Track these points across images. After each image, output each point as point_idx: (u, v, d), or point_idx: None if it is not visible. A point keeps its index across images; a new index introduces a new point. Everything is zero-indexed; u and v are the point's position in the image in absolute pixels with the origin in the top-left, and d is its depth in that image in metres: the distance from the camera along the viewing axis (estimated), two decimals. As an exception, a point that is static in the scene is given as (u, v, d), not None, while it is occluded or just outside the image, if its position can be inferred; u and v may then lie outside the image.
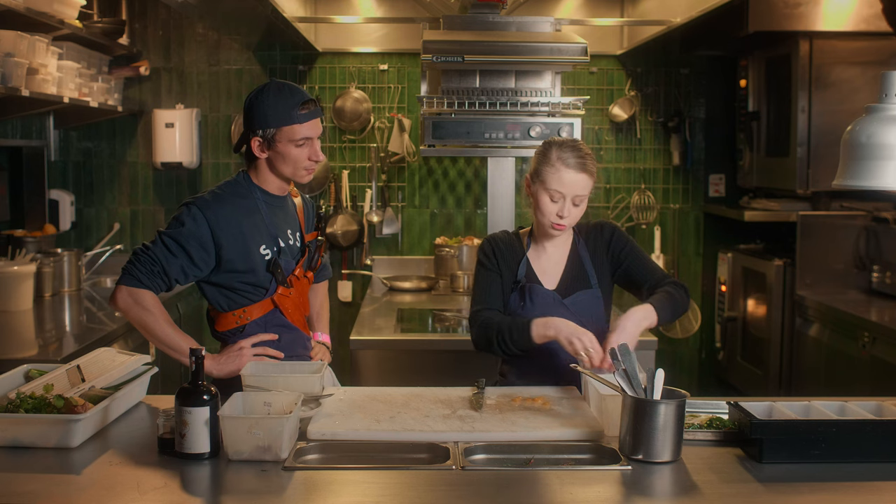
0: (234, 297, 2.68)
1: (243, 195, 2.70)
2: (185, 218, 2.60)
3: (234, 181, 2.75)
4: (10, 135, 4.72)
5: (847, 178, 2.24)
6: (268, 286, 2.68)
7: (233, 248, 2.61)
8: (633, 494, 1.95)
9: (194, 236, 2.58)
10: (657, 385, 2.13)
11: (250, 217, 2.66)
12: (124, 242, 5.44)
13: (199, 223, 2.59)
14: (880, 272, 4.54)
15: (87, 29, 4.55)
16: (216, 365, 2.61)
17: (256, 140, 2.63)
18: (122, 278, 2.57)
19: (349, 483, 1.98)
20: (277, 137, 2.61)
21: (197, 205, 2.62)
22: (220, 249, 2.61)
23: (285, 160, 2.64)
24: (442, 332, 4.07)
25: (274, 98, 2.61)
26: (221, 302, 2.69)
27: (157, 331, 2.57)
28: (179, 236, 2.58)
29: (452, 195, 5.56)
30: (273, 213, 2.72)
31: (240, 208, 2.66)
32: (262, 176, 2.72)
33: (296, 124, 2.60)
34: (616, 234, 2.79)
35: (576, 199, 2.66)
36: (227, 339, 2.71)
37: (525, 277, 2.75)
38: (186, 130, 5.33)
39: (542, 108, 3.76)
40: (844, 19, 4.63)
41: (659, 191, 5.61)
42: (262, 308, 2.69)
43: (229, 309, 2.69)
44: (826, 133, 4.66)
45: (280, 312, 2.72)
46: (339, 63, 5.50)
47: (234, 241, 2.61)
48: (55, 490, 1.91)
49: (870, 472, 2.04)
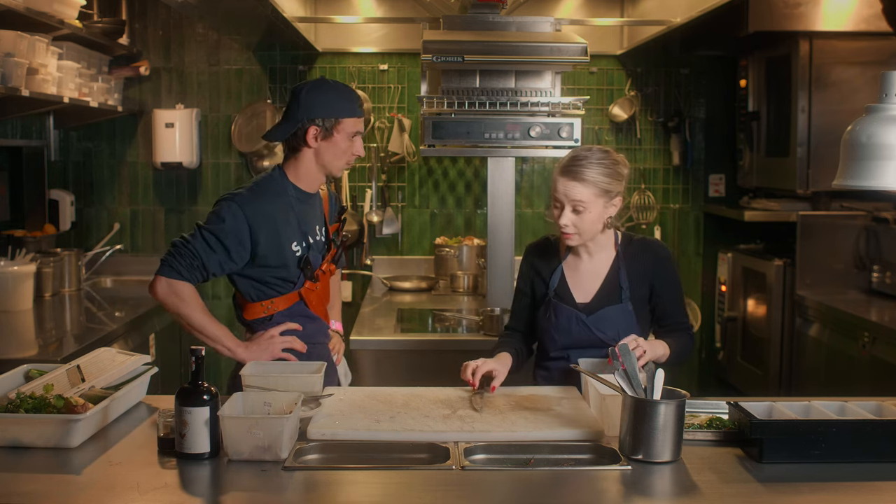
0: (264, 289, 2.78)
1: (279, 192, 2.77)
2: (224, 214, 2.67)
3: (269, 177, 2.82)
4: (10, 135, 4.72)
5: (847, 178, 2.24)
6: (296, 280, 2.79)
7: (268, 244, 2.70)
8: (633, 494, 1.95)
9: (233, 232, 2.66)
10: (657, 385, 2.14)
11: (284, 214, 2.75)
12: (124, 242, 5.44)
13: (238, 219, 2.67)
14: (880, 272, 4.54)
15: (87, 29, 4.55)
16: (247, 352, 2.71)
17: (314, 128, 2.72)
18: (162, 269, 2.66)
19: (349, 483, 1.98)
20: (337, 128, 2.73)
21: (236, 201, 2.69)
22: (255, 245, 2.69)
23: (335, 151, 2.75)
24: (442, 332, 4.07)
25: (335, 91, 2.76)
26: (251, 292, 2.80)
27: (195, 321, 2.68)
28: (219, 232, 2.66)
29: (452, 195, 5.56)
30: (304, 211, 2.82)
31: (275, 205, 2.74)
32: (301, 169, 2.80)
33: (355, 117, 2.76)
34: (662, 263, 2.75)
35: (576, 207, 2.63)
36: (254, 326, 2.83)
37: (556, 290, 2.76)
38: (186, 130, 5.32)
39: (542, 108, 3.76)
40: (844, 19, 4.62)
41: (659, 191, 5.61)
42: (288, 300, 2.80)
43: (258, 299, 2.79)
44: (826, 133, 4.66)
45: (305, 304, 2.83)
46: (339, 63, 5.50)
47: (269, 237, 2.70)
48: (55, 490, 1.91)
49: (870, 472, 2.04)
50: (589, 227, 2.66)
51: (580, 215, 2.64)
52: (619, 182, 2.66)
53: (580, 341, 2.70)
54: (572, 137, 3.76)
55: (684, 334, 2.73)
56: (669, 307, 2.74)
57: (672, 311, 2.74)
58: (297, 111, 2.74)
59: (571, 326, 2.71)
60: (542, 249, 2.84)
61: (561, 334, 2.72)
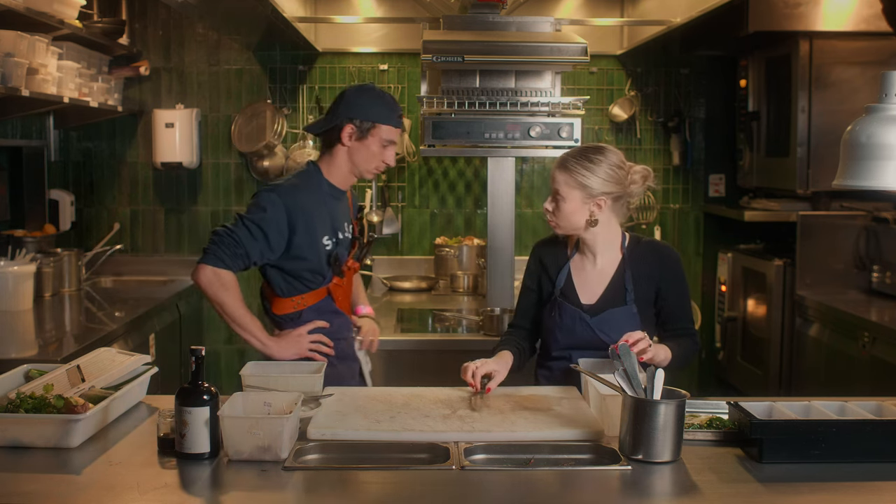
0: (295, 284, 2.87)
1: (314, 186, 2.88)
2: (266, 204, 2.77)
3: (306, 172, 2.93)
4: (10, 135, 4.72)
5: (847, 178, 2.24)
6: (325, 275, 2.87)
7: (303, 236, 2.80)
8: (633, 494, 1.95)
9: (273, 221, 2.75)
10: (657, 385, 2.13)
11: (318, 208, 2.85)
12: (124, 242, 5.44)
13: (279, 209, 2.76)
14: (880, 272, 4.54)
15: (87, 29, 4.55)
16: (277, 347, 2.80)
17: (350, 127, 2.83)
18: (207, 258, 2.73)
19: (349, 483, 1.98)
20: (372, 132, 2.84)
21: (277, 192, 2.80)
22: (292, 236, 2.79)
23: (367, 154, 2.86)
24: (442, 332, 4.06)
25: (379, 98, 2.88)
26: (282, 286, 2.87)
27: (233, 311, 2.75)
28: (262, 221, 2.75)
29: (452, 195, 5.56)
30: (335, 207, 2.91)
31: (311, 199, 2.84)
32: (334, 166, 2.90)
33: (391, 126, 2.87)
34: (669, 266, 2.74)
35: (555, 194, 2.67)
36: (282, 322, 2.90)
37: (562, 289, 2.76)
38: (186, 130, 5.32)
39: (542, 108, 3.76)
40: (844, 19, 4.62)
41: (659, 191, 5.61)
42: (317, 296, 2.89)
43: (288, 294, 2.88)
44: (826, 133, 4.66)
45: (332, 300, 2.92)
46: (339, 63, 5.50)
47: (304, 229, 2.80)
48: (55, 490, 1.91)
49: (870, 472, 2.04)
50: (565, 218, 2.67)
51: (558, 204, 2.66)
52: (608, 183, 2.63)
53: (583, 342, 2.70)
54: (572, 137, 3.76)
55: (688, 340, 2.72)
56: (674, 311, 2.73)
57: (677, 315, 2.74)
58: (338, 109, 2.86)
59: (575, 327, 2.71)
60: (550, 247, 2.84)
61: (564, 334, 2.72)
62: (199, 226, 5.53)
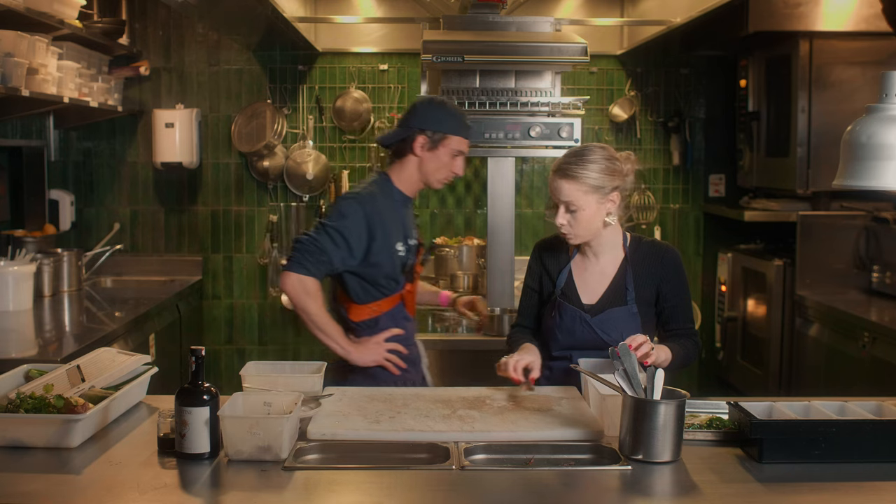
0: (371, 291, 2.95)
1: (388, 195, 2.97)
2: (347, 211, 2.87)
3: (379, 181, 3.00)
4: (10, 135, 4.72)
5: (847, 178, 2.24)
6: (399, 281, 2.96)
7: (380, 243, 2.88)
8: (633, 494, 1.95)
9: (354, 229, 2.84)
10: (657, 385, 2.13)
11: (392, 215, 2.94)
12: (124, 242, 5.44)
13: (359, 217, 2.86)
14: (880, 272, 4.54)
15: (87, 29, 4.55)
16: (357, 353, 2.88)
17: (422, 138, 2.91)
18: (291, 266, 2.81)
19: (349, 483, 1.98)
20: (443, 143, 2.92)
21: (357, 199, 2.90)
22: (371, 242, 2.87)
23: (437, 164, 2.94)
24: (442, 332, 4.06)
25: (452, 109, 2.97)
26: (360, 293, 2.95)
27: (317, 317, 2.83)
28: (343, 229, 2.84)
29: (452, 195, 5.56)
30: (405, 214, 3.00)
31: (387, 206, 2.94)
32: (404, 175, 2.98)
33: (462, 137, 2.95)
34: (670, 267, 2.72)
35: (569, 206, 2.61)
36: (359, 329, 2.98)
37: (562, 289, 2.75)
38: (186, 130, 5.32)
39: (542, 108, 3.76)
40: (844, 19, 4.62)
41: (659, 191, 5.61)
42: (391, 302, 2.98)
43: (364, 301, 2.95)
44: (826, 133, 4.66)
45: (404, 306, 3.03)
46: (339, 63, 5.50)
47: (382, 236, 2.89)
48: (55, 490, 1.91)
49: (870, 472, 2.04)
50: (585, 226, 2.63)
51: (574, 214, 2.61)
52: (613, 177, 2.61)
53: (583, 342, 2.69)
54: (572, 137, 3.76)
55: (689, 341, 2.70)
56: (675, 312, 2.72)
57: (677, 315, 2.73)
58: (410, 120, 2.94)
59: (575, 327, 2.70)
60: (551, 247, 2.83)
61: (564, 334, 2.72)
62: (199, 226, 5.54)
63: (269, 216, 5.50)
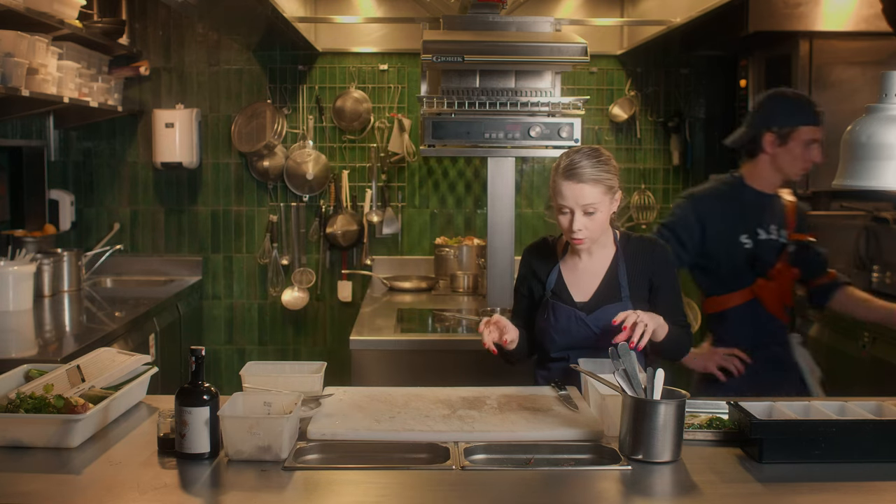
0: (715, 284, 3.11)
1: (731, 191, 3.10)
2: (676, 209, 3.12)
3: (726, 180, 3.17)
4: (10, 135, 4.72)
5: (847, 178, 2.23)
6: (747, 275, 3.01)
7: (715, 237, 3.04)
8: (633, 494, 1.95)
9: (683, 224, 3.05)
10: (657, 385, 2.13)
11: (733, 211, 3.06)
12: (124, 242, 5.44)
13: (688, 213, 3.06)
14: (880, 272, 4.53)
15: (87, 29, 4.55)
16: (690, 357, 2.99)
17: (770, 136, 3.02)
18: None
19: (349, 483, 1.98)
20: (793, 136, 3.01)
21: (688, 198, 3.11)
22: (703, 237, 3.05)
23: (790, 157, 3.02)
24: (442, 332, 4.06)
25: (794, 99, 3.05)
26: (706, 285, 3.16)
27: None
28: (673, 225, 3.07)
29: (452, 195, 5.56)
30: (758, 208, 3.10)
31: (725, 203, 3.07)
32: (758, 173, 3.09)
33: (811, 125, 3.01)
34: (661, 260, 2.75)
35: (587, 209, 2.58)
36: (710, 320, 3.19)
37: (553, 290, 2.75)
38: (186, 130, 5.33)
39: (542, 108, 3.76)
40: (844, 19, 4.62)
41: (659, 191, 5.61)
42: (742, 297, 3.08)
43: (710, 293, 3.14)
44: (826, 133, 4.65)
45: (759, 302, 3.08)
46: (339, 63, 5.50)
47: (717, 231, 3.04)
48: (55, 490, 1.91)
49: (870, 472, 2.04)
50: (601, 228, 2.65)
51: (592, 217, 2.60)
52: (616, 176, 2.65)
53: (580, 341, 2.70)
54: (572, 137, 3.76)
55: (682, 331, 2.73)
56: (668, 305, 2.73)
57: (670, 308, 2.73)
58: (755, 120, 3.02)
59: (571, 326, 2.70)
60: (539, 250, 2.84)
61: (560, 334, 2.72)
62: (199, 226, 5.54)
63: (269, 216, 5.50)
